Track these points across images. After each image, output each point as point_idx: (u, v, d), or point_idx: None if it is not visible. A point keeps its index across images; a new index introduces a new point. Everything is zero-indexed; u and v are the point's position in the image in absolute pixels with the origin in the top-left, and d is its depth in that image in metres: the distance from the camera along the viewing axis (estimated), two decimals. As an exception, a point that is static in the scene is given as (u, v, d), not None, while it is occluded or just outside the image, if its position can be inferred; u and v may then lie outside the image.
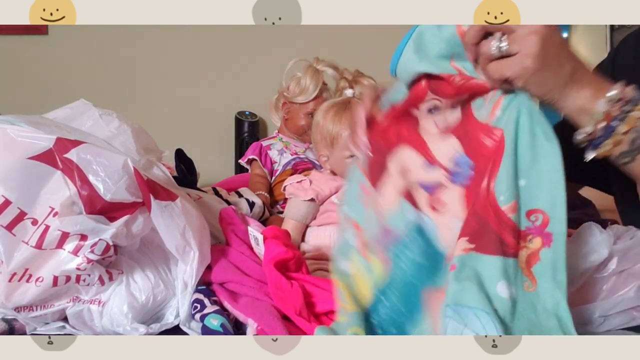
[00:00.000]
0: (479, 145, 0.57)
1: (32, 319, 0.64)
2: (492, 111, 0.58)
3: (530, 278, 0.55)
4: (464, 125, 0.60)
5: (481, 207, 0.55)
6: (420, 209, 0.60)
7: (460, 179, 0.58)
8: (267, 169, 1.37)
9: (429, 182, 0.60)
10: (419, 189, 0.60)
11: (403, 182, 0.62)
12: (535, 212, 0.55)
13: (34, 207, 0.63)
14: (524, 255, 0.55)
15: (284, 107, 1.43)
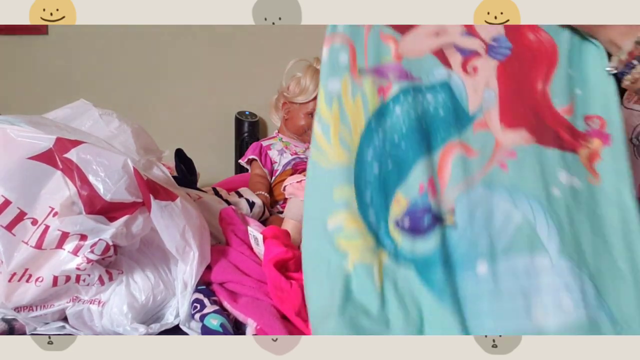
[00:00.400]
0: (522, 36, 0.60)
1: (32, 319, 0.64)
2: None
3: (593, 173, 0.57)
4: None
5: (539, 107, 0.58)
6: (452, 68, 0.60)
7: (496, 54, 0.60)
8: (267, 169, 1.37)
9: (465, 47, 0.60)
10: (454, 51, 0.61)
11: (437, 40, 0.61)
12: (592, 117, 0.59)
13: (33, 207, 0.63)
14: (585, 153, 0.58)
15: (284, 107, 1.43)
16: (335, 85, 0.58)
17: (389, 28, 0.60)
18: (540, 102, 0.58)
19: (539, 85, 0.59)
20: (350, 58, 0.58)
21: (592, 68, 0.60)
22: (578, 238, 0.54)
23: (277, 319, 0.62)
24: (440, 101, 0.58)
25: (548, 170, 0.56)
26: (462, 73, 0.59)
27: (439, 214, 0.54)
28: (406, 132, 0.56)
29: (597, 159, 0.57)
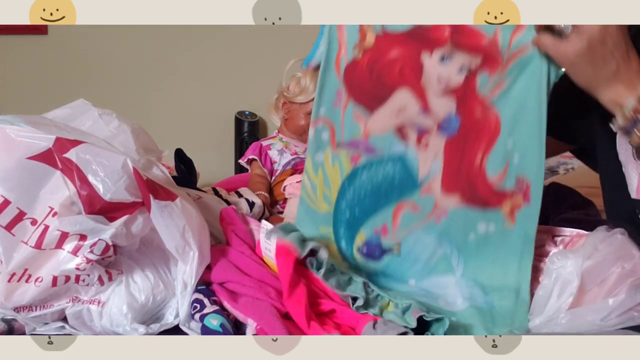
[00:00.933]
0: (472, 114, 0.70)
1: (32, 319, 0.64)
2: (494, 90, 0.69)
3: (511, 220, 0.72)
4: (464, 92, 0.70)
5: (474, 177, 0.71)
6: (408, 143, 0.72)
7: (446, 131, 0.72)
8: (267, 169, 1.36)
9: (421, 124, 0.72)
10: (412, 128, 0.72)
11: (398, 119, 0.72)
12: (523, 178, 0.71)
13: (33, 207, 0.63)
14: (508, 205, 0.72)
15: (284, 107, 1.43)
16: (320, 157, 0.75)
17: (359, 108, 0.73)
18: (476, 173, 0.71)
19: (478, 158, 0.71)
20: (330, 135, 0.75)
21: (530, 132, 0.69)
22: (479, 267, 0.73)
23: (277, 319, 0.62)
24: (397, 170, 0.73)
25: (469, 223, 0.73)
26: (416, 147, 0.72)
27: (389, 247, 0.75)
28: (370, 191, 0.73)
29: (517, 210, 0.72)
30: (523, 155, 0.70)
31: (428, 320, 0.63)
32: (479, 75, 0.69)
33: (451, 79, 0.70)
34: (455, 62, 0.69)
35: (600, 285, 0.64)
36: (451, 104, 0.70)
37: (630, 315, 0.62)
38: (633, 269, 0.63)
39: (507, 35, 0.67)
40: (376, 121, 0.73)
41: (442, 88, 0.70)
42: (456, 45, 0.69)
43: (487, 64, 0.69)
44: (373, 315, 0.64)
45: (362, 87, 0.72)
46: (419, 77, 0.70)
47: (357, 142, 0.73)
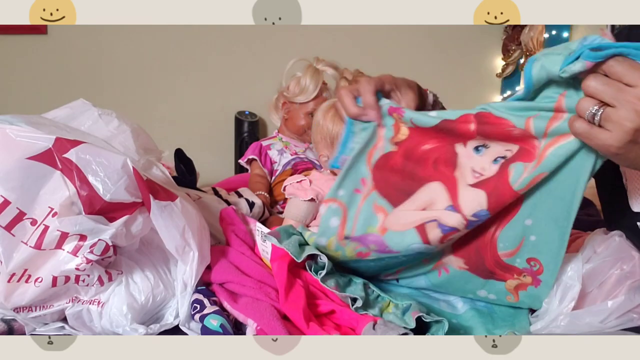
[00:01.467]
0: (503, 205, 0.62)
1: (31, 320, 0.64)
2: (528, 186, 0.60)
3: (515, 296, 0.68)
4: (496, 184, 0.62)
5: (482, 247, 0.66)
6: (429, 243, 0.64)
7: (472, 227, 0.64)
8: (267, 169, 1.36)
9: (446, 223, 0.63)
10: (435, 227, 0.64)
11: (422, 214, 0.65)
12: (535, 261, 0.65)
13: (33, 207, 0.63)
14: (513, 283, 0.67)
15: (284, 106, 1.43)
16: (322, 241, 0.69)
17: (382, 199, 0.67)
18: (487, 244, 0.66)
19: (491, 230, 0.65)
20: (340, 223, 0.67)
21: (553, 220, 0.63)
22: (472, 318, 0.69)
23: (277, 319, 0.62)
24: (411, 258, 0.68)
25: (469, 286, 0.70)
26: (437, 245, 0.65)
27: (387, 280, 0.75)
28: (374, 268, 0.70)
29: (523, 290, 0.67)
30: (540, 239, 0.64)
31: (428, 322, 0.63)
32: (513, 167, 0.61)
33: (485, 169, 0.62)
34: (491, 152, 0.62)
35: (599, 288, 0.64)
36: (482, 198, 0.62)
37: (630, 317, 0.62)
38: (632, 271, 0.64)
39: (542, 124, 0.58)
40: (398, 216, 0.66)
41: (476, 179, 0.63)
42: (484, 136, 0.62)
43: (520, 155, 0.61)
44: (373, 316, 0.64)
45: (392, 179, 0.66)
46: (453, 168, 0.64)
47: (369, 238, 0.66)
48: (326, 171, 0.99)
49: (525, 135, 0.59)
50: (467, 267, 0.68)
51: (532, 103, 0.58)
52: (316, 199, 0.93)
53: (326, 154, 0.97)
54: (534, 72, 0.55)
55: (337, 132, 0.93)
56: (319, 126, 0.96)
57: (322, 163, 1.00)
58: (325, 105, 0.98)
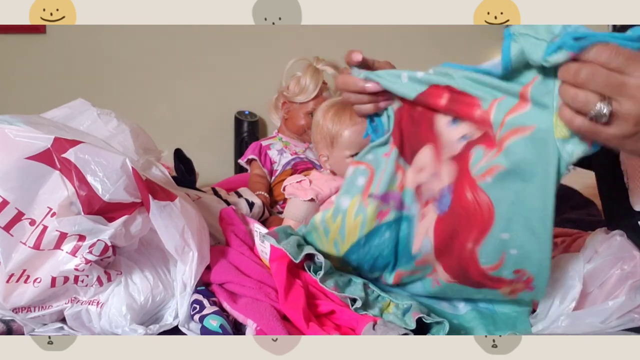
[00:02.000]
0: (461, 195, 0.62)
1: (30, 320, 0.64)
2: (485, 174, 0.59)
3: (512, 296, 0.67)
4: (458, 164, 0.62)
5: (464, 262, 0.64)
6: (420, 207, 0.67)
7: (438, 206, 0.65)
8: (267, 169, 1.36)
9: (429, 190, 0.65)
10: (424, 191, 0.66)
11: (419, 177, 0.66)
12: (523, 271, 0.63)
13: (31, 207, 0.63)
14: (507, 289, 0.66)
15: (284, 106, 1.43)
16: (345, 203, 0.68)
17: (401, 158, 0.67)
18: (467, 259, 0.64)
19: (469, 246, 0.63)
20: (366, 182, 0.67)
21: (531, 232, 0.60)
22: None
23: (277, 319, 0.62)
24: (406, 234, 0.68)
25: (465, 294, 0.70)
26: (419, 215, 0.67)
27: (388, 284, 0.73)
28: (386, 254, 0.69)
29: (518, 292, 0.66)
30: (521, 252, 0.61)
31: (428, 323, 0.63)
32: (475, 150, 0.60)
33: (453, 143, 0.62)
34: (461, 128, 0.61)
35: (600, 288, 0.64)
36: (450, 175, 0.63)
37: (631, 317, 0.62)
38: (632, 271, 0.64)
39: (501, 112, 0.56)
40: (410, 174, 0.66)
41: (448, 153, 0.63)
42: (453, 112, 0.61)
43: (483, 138, 0.60)
44: (373, 316, 0.64)
45: (405, 135, 0.66)
46: (436, 135, 0.64)
47: (391, 195, 0.67)
48: (326, 171, 0.99)
49: (485, 120, 0.58)
50: (455, 280, 0.67)
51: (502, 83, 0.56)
52: (316, 199, 0.93)
53: (326, 154, 0.97)
54: (513, 55, 0.53)
55: (337, 131, 0.93)
56: (318, 126, 0.96)
57: (322, 163, 1.00)
58: (325, 105, 0.98)
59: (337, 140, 0.93)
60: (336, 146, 0.94)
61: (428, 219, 0.66)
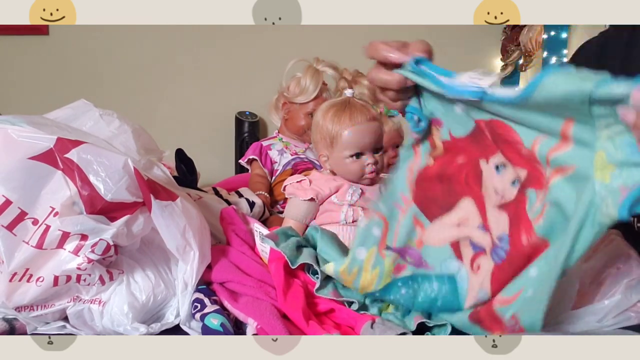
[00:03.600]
0: (519, 239, 0.58)
1: (33, 319, 0.64)
2: (539, 217, 0.56)
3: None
4: (516, 209, 0.58)
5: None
6: (463, 261, 0.63)
7: (496, 257, 0.60)
8: (267, 169, 1.37)
9: (477, 243, 0.62)
10: (468, 244, 0.63)
11: (457, 230, 0.63)
12: (517, 320, 0.58)
13: (34, 207, 0.63)
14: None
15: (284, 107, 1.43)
16: (361, 254, 0.66)
17: (421, 214, 0.65)
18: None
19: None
20: (382, 232, 0.66)
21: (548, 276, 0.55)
22: None
23: (277, 318, 0.62)
24: (443, 292, 0.63)
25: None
26: (470, 269, 0.63)
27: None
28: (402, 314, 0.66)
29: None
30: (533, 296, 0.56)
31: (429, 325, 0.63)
32: (528, 192, 0.57)
33: (505, 190, 0.58)
34: (509, 173, 0.58)
35: (596, 286, 0.64)
36: (505, 222, 0.59)
37: (627, 315, 0.62)
38: (628, 270, 0.64)
39: (544, 150, 0.53)
40: (435, 230, 0.64)
41: (499, 200, 0.59)
42: (503, 152, 0.57)
43: (531, 180, 0.56)
44: (371, 315, 0.64)
45: (430, 193, 0.65)
46: (480, 185, 0.61)
47: (408, 251, 0.65)
48: (326, 171, 0.99)
49: (532, 158, 0.55)
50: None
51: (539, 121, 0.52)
52: (316, 199, 0.93)
53: (326, 154, 0.97)
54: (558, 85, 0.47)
55: (337, 132, 0.93)
56: (318, 126, 0.96)
57: (322, 163, 1.00)
58: (325, 106, 0.98)
59: (337, 141, 0.93)
60: (336, 146, 0.94)
61: (483, 271, 0.61)
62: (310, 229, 0.76)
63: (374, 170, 0.93)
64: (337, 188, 0.94)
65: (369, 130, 0.92)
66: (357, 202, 0.92)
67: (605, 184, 0.50)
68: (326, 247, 0.72)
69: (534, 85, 0.50)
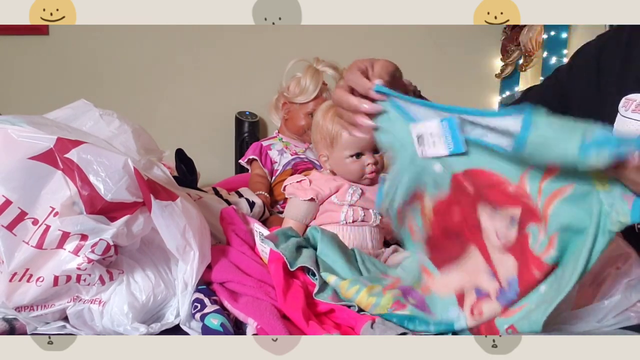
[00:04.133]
0: (529, 277, 0.57)
1: (33, 319, 0.64)
2: (547, 249, 0.55)
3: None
4: (521, 249, 0.57)
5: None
6: (463, 309, 0.62)
7: (504, 300, 0.59)
8: (267, 169, 1.37)
9: (484, 290, 0.61)
10: (472, 292, 0.62)
11: (466, 280, 0.62)
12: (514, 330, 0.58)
13: (34, 207, 0.63)
14: None
15: (284, 107, 1.43)
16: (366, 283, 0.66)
17: (430, 263, 0.64)
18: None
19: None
20: (390, 284, 0.66)
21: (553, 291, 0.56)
22: None
23: (277, 318, 0.62)
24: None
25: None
26: (469, 314, 0.61)
27: None
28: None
29: None
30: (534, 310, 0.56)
31: None
32: (529, 229, 0.56)
33: (506, 234, 0.58)
34: (503, 215, 0.58)
35: (596, 286, 0.64)
36: (512, 265, 0.58)
37: (627, 315, 0.62)
38: (628, 270, 0.63)
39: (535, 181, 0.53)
40: (445, 280, 0.63)
41: (502, 244, 0.59)
42: (485, 200, 0.57)
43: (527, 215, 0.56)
44: (371, 315, 0.64)
45: (437, 246, 0.64)
46: (480, 231, 0.60)
47: (412, 292, 0.64)
48: (326, 171, 0.99)
49: (520, 194, 0.54)
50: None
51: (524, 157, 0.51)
52: (316, 199, 0.93)
53: (326, 154, 0.97)
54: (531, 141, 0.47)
55: (337, 132, 0.93)
56: (318, 126, 0.96)
57: (322, 163, 1.00)
58: (325, 105, 0.98)
59: (337, 141, 0.93)
60: (336, 146, 0.94)
61: (487, 314, 0.60)
62: (310, 229, 0.76)
63: (374, 170, 0.93)
64: (337, 188, 0.94)
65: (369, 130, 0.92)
66: (357, 202, 0.92)
67: (607, 192, 0.51)
68: (326, 248, 0.72)
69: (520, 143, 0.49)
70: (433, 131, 0.57)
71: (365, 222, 0.93)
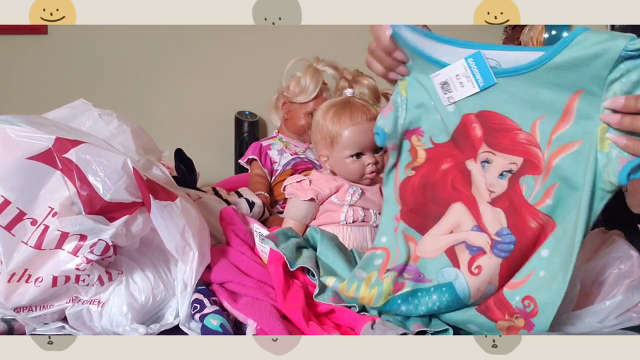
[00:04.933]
0: (524, 226, 0.58)
1: (32, 319, 0.64)
2: (543, 199, 0.57)
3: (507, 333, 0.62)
4: (511, 199, 0.59)
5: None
6: (460, 268, 0.63)
7: (500, 251, 0.60)
8: (267, 169, 1.37)
9: (474, 244, 0.62)
10: (464, 248, 0.63)
11: (450, 237, 0.63)
12: (531, 300, 0.59)
13: (33, 207, 0.63)
14: (505, 325, 0.61)
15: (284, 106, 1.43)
16: (361, 274, 0.67)
17: (410, 229, 0.66)
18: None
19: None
20: (383, 263, 0.67)
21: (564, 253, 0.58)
22: None
23: (277, 319, 0.62)
24: (444, 301, 0.63)
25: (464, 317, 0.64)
26: (468, 273, 0.62)
27: None
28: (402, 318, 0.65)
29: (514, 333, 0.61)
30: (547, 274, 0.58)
31: None
32: (523, 180, 0.58)
33: (494, 185, 0.60)
34: (495, 167, 0.60)
35: (597, 287, 0.64)
36: (501, 217, 0.60)
37: (628, 316, 0.62)
38: (630, 270, 0.64)
39: (546, 131, 0.55)
40: (428, 242, 0.65)
41: (491, 196, 0.60)
42: (491, 145, 0.59)
43: (526, 167, 0.58)
44: (371, 316, 0.64)
45: (415, 206, 0.65)
46: (469, 186, 0.62)
47: (406, 267, 0.65)
48: (326, 171, 0.99)
49: (530, 142, 0.56)
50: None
51: (542, 99, 0.54)
52: (316, 199, 0.93)
53: (326, 154, 0.97)
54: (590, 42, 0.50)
55: (337, 131, 0.93)
56: (318, 126, 0.96)
57: (322, 163, 1.00)
58: (325, 105, 0.98)
59: (337, 141, 0.93)
60: (336, 146, 0.94)
61: (487, 270, 0.61)
62: (310, 229, 0.76)
63: (374, 170, 0.93)
64: (337, 188, 0.94)
65: (369, 130, 0.92)
66: (357, 202, 0.92)
67: (604, 153, 0.53)
68: (326, 249, 0.72)
69: (565, 43, 0.51)
70: (459, 72, 0.58)
71: (365, 222, 0.92)
